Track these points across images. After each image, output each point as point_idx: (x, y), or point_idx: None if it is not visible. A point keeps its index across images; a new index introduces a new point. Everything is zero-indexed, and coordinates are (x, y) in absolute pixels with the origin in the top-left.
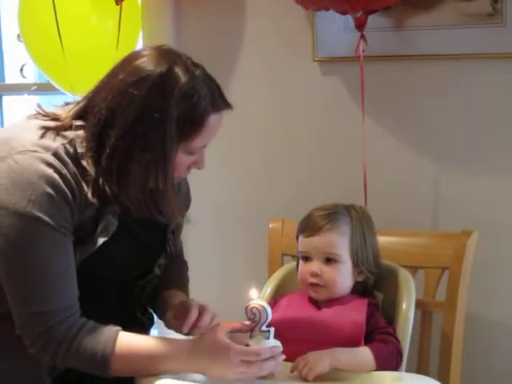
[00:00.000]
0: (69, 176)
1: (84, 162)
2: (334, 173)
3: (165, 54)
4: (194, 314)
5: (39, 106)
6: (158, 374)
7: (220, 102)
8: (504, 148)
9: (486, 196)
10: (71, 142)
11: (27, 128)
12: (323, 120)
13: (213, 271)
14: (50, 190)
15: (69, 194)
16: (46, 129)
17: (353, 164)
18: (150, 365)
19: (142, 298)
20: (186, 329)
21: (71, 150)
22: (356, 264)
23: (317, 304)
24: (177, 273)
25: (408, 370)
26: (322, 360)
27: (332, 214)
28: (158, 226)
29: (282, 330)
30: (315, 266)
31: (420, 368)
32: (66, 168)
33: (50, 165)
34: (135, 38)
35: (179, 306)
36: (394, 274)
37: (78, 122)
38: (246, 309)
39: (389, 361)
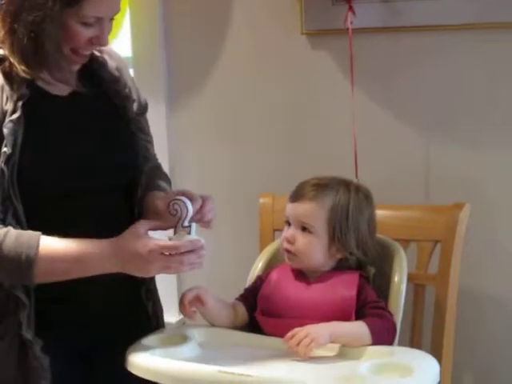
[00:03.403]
0: None
1: None
2: (323, 147)
3: None
4: (198, 202)
5: None
6: (82, 275)
7: None
8: (496, 121)
9: (477, 169)
10: None
11: None
12: (313, 93)
13: None
14: None
15: None
16: None
17: (343, 137)
18: (74, 264)
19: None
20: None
21: None
22: (332, 240)
23: (306, 278)
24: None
25: (400, 344)
26: (323, 333)
27: (320, 185)
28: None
29: (272, 305)
30: (290, 232)
31: (413, 341)
32: None
33: None
34: (121, 13)
35: (172, 195)
36: (385, 247)
37: None
38: (169, 205)
39: (384, 336)
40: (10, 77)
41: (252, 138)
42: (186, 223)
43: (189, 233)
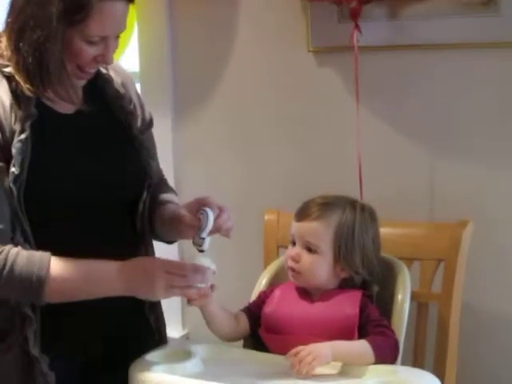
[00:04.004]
0: None
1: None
2: (328, 163)
3: None
4: (215, 212)
5: None
6: (92, 297)
7: None
8: (499, 138)
9: (481, 186)
10: None
11: None
12: (318, 110)
13: None
14: None
15: None
16: None
17: (347, 154)
18: (84, 285)
19: (141, 230)
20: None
21: None
22: (338, 259)
23: (310, 296)
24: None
25: (403, 362)
26: (325, 351)
27: (326, 204)
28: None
29: (276, 322)
30: (295, 250)
31: (415, 360)
32: None
33: None
34: (129, 29)
35: (193, 203)
36: (389, 265)
37: None
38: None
39: (387, 354)
40: (18, 96)
41: (257, 153)
42: (202, 235)
43: (201, 245)
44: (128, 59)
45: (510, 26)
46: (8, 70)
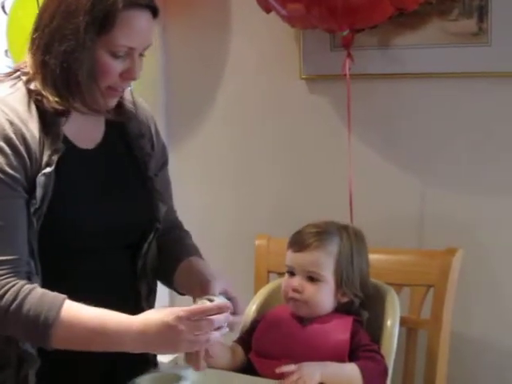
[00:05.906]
0: (17, 121)
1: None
2: (319, 190)
3: None
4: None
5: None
6: (102, 349)
7: None
8: (488, 166)
9: (471, 213)
10: (19, 81)
11: None
12: (310, 138)
13: None
14: None
15: (18, 140)
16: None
17: (339, 181)
18: (94, 334)
19: (142, 268)
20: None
21: (20, 91)
22: (339, 285)
23: (301, 321)
24: (185, 241)
25: None
26: (314, 374)
27: (322, 233)
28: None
29: (266, 346)
30: (297, 281)
31: None
32: (15, 114)
33: None
34: None
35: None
36: (379, 291)
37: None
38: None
39: (375, 379)
40: (47, 129)
41: (249, 179)
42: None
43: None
44: None
45: (501, 56)
46: (38, 97)
